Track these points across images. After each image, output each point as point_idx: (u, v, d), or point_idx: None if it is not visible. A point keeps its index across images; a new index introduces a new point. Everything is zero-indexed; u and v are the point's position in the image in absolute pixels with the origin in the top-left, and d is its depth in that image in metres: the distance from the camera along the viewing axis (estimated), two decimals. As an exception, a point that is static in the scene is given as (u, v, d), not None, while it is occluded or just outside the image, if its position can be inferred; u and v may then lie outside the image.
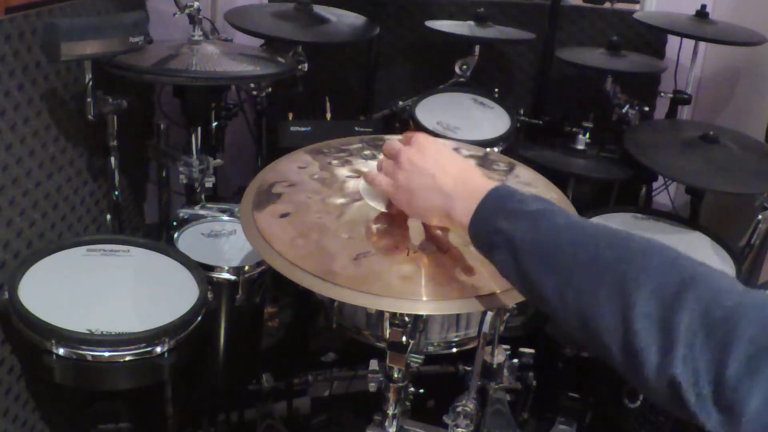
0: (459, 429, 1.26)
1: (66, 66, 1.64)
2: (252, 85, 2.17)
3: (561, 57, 2.32)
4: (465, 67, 2.29)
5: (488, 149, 1.92)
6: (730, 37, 2.12)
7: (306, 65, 2.08)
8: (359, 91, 2.52)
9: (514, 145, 2.13)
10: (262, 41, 2.08)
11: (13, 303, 1.31)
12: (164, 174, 2.06)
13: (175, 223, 1.77)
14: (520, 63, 2.65)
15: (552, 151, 2.17)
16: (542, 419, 1.96)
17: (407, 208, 1.01)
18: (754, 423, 0.57)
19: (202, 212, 1.80)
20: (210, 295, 1.48)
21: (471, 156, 1.43)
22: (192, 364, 1.51)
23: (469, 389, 1.29)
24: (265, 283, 1.73)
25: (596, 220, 1.87)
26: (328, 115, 2.16)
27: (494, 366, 1.42)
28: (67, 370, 1.28)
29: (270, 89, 2.19)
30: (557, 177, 1.53)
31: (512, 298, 0.99)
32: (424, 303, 0.98)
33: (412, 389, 1.30)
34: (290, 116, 2.05)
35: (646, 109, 2.26)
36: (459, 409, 1.28)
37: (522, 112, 2.35)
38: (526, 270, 0.80)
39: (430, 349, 1.30)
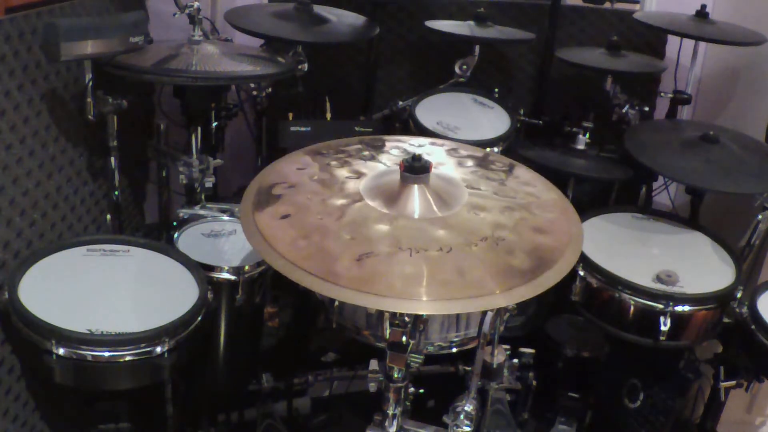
0: (459, 429, 1.26)
1: (66, 66, 1.64)
2: (252, 85, 2.17)
3: (561, 57, 2.32)
4: (465, 67, 2.29)
5: (488, 149, 1.92)
6: (730, 37, 2.12)
7: (306, 65, 2.08)
8: (359, 91, 2.52)
9: (514, 145, 2.13)
10: (262, 41, 2.08)
11: (13, 303, 1.31)
12: (164, 174, 2.06)
13: (175, 223, 1.77)
14: (520, 63, 2.65)
15: (552, 151, 2.17)
16: (542, 419, 1.96)
17: None
18: None
19: (202, 212, 1.80)
20: (210, 295, 1.48)
21: (470, 156, 1.43)
22: (192, 364, 1.51)
23: (469, 389, 1.29)
24: (265, 283, 1.72)
25: (596, 220, 1.87)
26: (328, 115, 2.16)
27: (494, 366, 1.42)
28: (67, 370, 1.28)
29: (270, 89, 2.19)
30: (557, 177, 1.53)
31: (512, 298, 0.99)
32: (426, 303, 0.98)
33: (412, 389, 1.30)
34: (290, 116, 2.05)
35: (646, 109, 2.26)
36: (459, 409, 1.28)
37: (522, 112, 2.35)
38: None
39: (430, 348, 1.30)
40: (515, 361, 1.54)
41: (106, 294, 1.41)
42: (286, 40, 2.01)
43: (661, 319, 1.57)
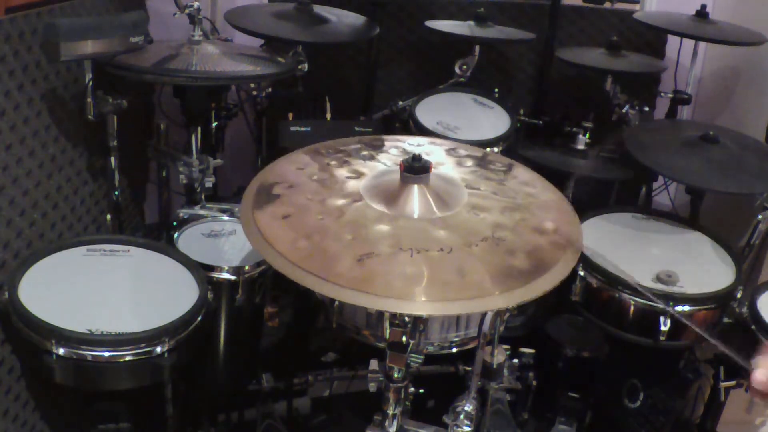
0: (459, 429, 1.26)
1: (66, 66, 1.64)
2: (252, 85, 2.17)
3: (561, 57, 2.32)
4: (465, 67, 2.29)
5: (488, 149, 1.92)
6: (730, 37, 2.12)
7: (306, 65, 2.08)
8: (359, 91, 2.52)
9: (514, 145, 2.13)
10: (262, 41, 2.08)
11: (13, 303, 1.31)
12: (164, 174, 2.06)
13: (175, 223, 1.77)
14: (520, 63, 2.65)
15: (552, 151, 2.17)
16: (542, 419, 1.96)
17: None
18: None
19: (202, 212, 1.80)
20: (210, 295, 1.48)
21: (469, 156, 1.43)
22: (192, 364, 1.51)
23: (469, 389, 1.29)
24: (265, 283, 1.72)
25: (596, 220, 1.87)
26: (328, 115, 2.16)
27: (494, 366, 1.42)
28: (67, 370, 1.28)
29: (270, 89, 2.19)
30: (557, 177, 1.53)
31: (512, 299, 0.99)
32: (426, 304, 0.98)
33: (412, 389, 1.30)
34: (290, 116, 2.05)
35: (646, 109, 2.26)
36: (459, 409, 1.28)
37: (522, 112, 2.35)
38: None
39: (430, 349, 1.30)
40: (515, 361, 1.54)
41: (106, 294, 1.41)
42: (286, 40, 2.01)
43: (661, 319, 1.57)
